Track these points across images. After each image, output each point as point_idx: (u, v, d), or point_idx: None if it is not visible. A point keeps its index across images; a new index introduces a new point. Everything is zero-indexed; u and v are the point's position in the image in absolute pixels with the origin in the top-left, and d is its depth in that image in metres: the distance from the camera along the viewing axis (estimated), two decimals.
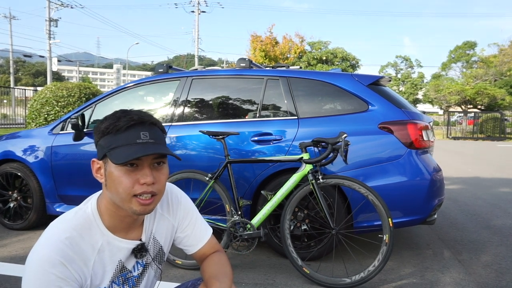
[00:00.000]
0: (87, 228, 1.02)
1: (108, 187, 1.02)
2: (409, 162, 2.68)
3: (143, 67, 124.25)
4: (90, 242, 1.02)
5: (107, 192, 1.04)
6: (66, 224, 1.01)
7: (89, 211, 1.05)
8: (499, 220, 4.06)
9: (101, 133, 1.02)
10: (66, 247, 0.96)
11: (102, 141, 1.01)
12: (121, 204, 1.02)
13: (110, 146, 0.99)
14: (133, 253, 1.11)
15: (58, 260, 0.94)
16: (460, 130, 22.85)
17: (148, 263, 1.18)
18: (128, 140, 0.99)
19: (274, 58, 25.53)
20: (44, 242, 0.97)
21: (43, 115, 8.46)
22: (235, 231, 2.57)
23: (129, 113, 1.03)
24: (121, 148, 0.98)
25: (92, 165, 1.06)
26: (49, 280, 0.92)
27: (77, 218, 1.03)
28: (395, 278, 2.55)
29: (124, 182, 0.99)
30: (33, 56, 42.83)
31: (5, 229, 3.53)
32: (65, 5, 26.83)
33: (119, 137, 0.99)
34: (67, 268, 0.95)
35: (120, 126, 1.00)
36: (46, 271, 0.92)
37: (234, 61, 36.34)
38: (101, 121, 1.04)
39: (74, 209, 1.07)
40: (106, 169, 1.02)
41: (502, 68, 33.49)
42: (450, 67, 41.99)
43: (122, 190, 0.99)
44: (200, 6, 31.83)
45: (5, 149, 3.56)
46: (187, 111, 3.18)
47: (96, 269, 1.03)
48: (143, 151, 0.97)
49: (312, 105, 2.96)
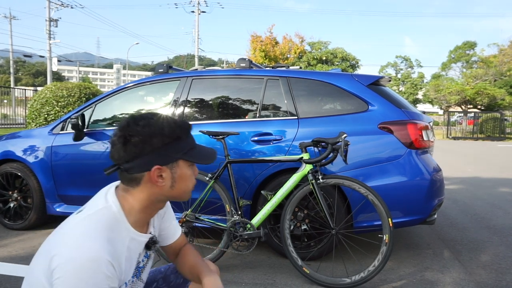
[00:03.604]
0: (117, 227, 1.03)
1: (177, 187, 1.10)
2: (409, 162, 2.68)
3: (143, 67, 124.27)
4: (121, 240, 1.03)
5: (167, 192, 1.09)
6: (99, 224, 0.99)
7: (114, 209, 1.04)
8: (499, 220, 4.06)
9: (170, 139, 1.06)
10: (111, 246, 0.96)
11: (172, 147, 1.06)
12: (185, 196, 1.13)
13: (184, 150, 1.09)
14: (146, 246, 1.15)
15: (106, 259, 0.93)
16: (460, 130, 22.84)
17: (150, 254, 1.23)
18: (193, 143, 1.14)
19: (274, 58, 25.55)
20: (88, 242, 0.93)
21: (43, 115, 8.46)
22: (235, 231, 2.57)
23: (174, 118, 1.11)
24: (195, 150, 1.12)
25: (153, 172, 1.04)
26: (100, 280, 0.91)
27: (107, 217, 1.01)
28: (395, 278, 2.55)
29: (193, 179, 1.14)
30: (33, 56, 42.83)
31: (5, 229, 3.53)
32: (65, 5, 26.81)
33: (187, 141, 1.11)
34: (113, 267, 0.95)
35: (186, 130, 1.11)
36: (97, 271, 0.90)
37: (234, 61, 36.34)
38: (153, 128, 1.04)
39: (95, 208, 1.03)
40: (175, 172, 1.08)
41: (502, 68, 33.47)
42: (450, 67, 41.96)
43: (192, 185, 1.14)
44: (200, 6, 31.85)
45: (5, 149, 3.56)
46: (187, 111, 3.18)
47: (126, 265, 1.05)
48: (213, 152, 1.17)
49: (312, 105, 2.96)
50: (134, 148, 1.03)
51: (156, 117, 1.07)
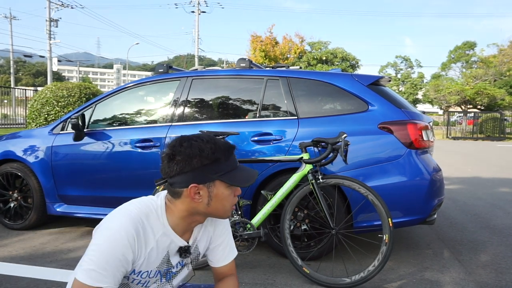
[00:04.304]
0: (154, 218, 1.18)
1: (213, 205, 1.18)
2: (409, 162, 2.68)
3: (143, 67, 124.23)
4: (153, 229, 1.17)
5: (203, 208, 1.18)
6: (140, 208, 1.16)
7: (158, 204, 1.20)
8: (499, 220, 4.06)
9: (209, 161, 1.14)
10: (139, 225, 1.13)
11: (209, 168, 1.14)
12: (221, 215, 1.22)
13: (221, 172, 1.16)
14: (178, 251, 1.25)
15: (131, 232, 1.10)
16: (460, 130, 22.84)
17: (186, 264, 1.32)
18: (234, 165, 1.20)
19: (274, 58, 25.56)
20: (122, 215, 1.13)
21: (43, 115, 8.46)
22: (235, 231, 2.57)
23: (222, 141, 1.19)
24: (235, 172, 1.19)
25: (190, 190, 1.15)
26: (121, 245, 1.08)
27: (148, 206, 1.19)
28: (395, 278, 2.55)
29: (231, 199, 1.21)
30: (33, 56, 42.84)
31: (5, 229, 3.53)
32: (65, 5, 26.82)
33: (227, 163, 1.17)
34: (135, 241, 1.11)
35: (227, 153, 1.18)
36: (122, 237, 1.08)
37: (234, 61, 36.34)
38: (193, 149, 1.14)
39: (144, 198, 1.22)
40: (211, 191, 1.17)
41: (501, 68, 33.47)
42: (450, 67, 41.94)
43: (229, 205, 1.21)
44: (200, 6, 31.85)
45: (5, 149, 3.56)
46: (187, 111, 3.18)
47: (151, 253, 1.17)
48: (253, 173, 1.24)
49: (312, 105, 2.96)
50: (176, 166, 1.15)
51: (200, 139, 1.17)
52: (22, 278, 2.47)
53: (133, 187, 3.12)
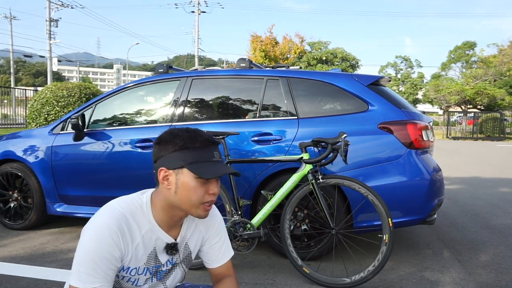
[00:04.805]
0: (139, 214, 1.19)
1: (179, 194, 1.16)
2: (409, 162, 2.68)
3: (143, 67, 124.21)
4: (139, 225, 1.18)
5: (173, 197, 1.17)
6: (125, 205, 1.18)
7: (143, 201, 1.22)
8: (499, 220, 4.06)
9: (178, 147, 1.15)
10: (123, 222, 1.14)
11: (177, 154, 1.15)
12: (188, 208, 1.18)
13: (189, 161, 1.14)
14: (166, 248, 1.25)
15: (115, 230, 1.11)
16: (459, 130, 22.84)
17: (177, 263, 1.31)
18: (206, 157, 1.16)
19: (274, 58, 25.55)
20: (105, 213, 1.14)
21: (43, 115, 8.46)
22: (235, 231, 2.57)
23: (202, 133, 1.19)
24: (204, 164, 1.15)
25: (159, 173, 1.17)
26: (105, 242, 1.09)
27: (133, 203, 1.20)
28: (395, 278, 2.55)
29: (198, 192, 1.16)
30: (33, 56, 42.83)
31: (5, 229, 3.53)
32: (65, 5, 26.80)
33: (197, 153, 1.15)
34: (120, 238, 1.12)
35: (199, 144, 1.16)
36: (105, 234, 1.09)
37: (234, 61, 36.34)
38: (171, 135, 1.17)
39: (132, 195, 1.24)
40: (178, 179, 1.15)
41: (501, 68, 33.45)
42: (450, 67, 41.92)
43: (195, 199, 1.16)
44: (200, 6, 31.84)
45: (5, 149, 3.57)
46: (187, 111, 3.18)
47: (138, 249, 1.18)
48: (226, 169, 1.17)
49: (312, 105, 2.96)
50: (156, 151, 1.20)
51: (184, 130, 1.19)
52: (22, 278, 2.47)
53: (133, 187, 3.11)
